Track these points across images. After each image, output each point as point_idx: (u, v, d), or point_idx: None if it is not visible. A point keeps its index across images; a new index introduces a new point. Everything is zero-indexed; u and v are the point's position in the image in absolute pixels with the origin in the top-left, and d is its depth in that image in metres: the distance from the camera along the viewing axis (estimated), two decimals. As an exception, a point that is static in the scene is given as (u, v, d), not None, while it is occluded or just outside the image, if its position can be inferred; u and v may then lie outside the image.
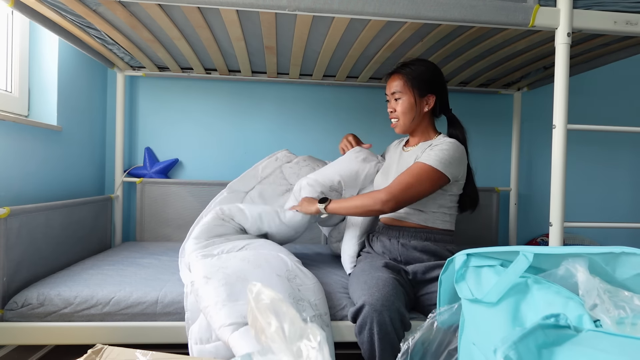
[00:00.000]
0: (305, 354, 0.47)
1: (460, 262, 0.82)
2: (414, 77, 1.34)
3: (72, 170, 1.80)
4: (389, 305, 1.05)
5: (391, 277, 1.16)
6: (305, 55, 1.72)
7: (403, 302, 1.11)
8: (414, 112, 1.35)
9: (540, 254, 0.72)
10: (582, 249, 0.70)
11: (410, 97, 1.34)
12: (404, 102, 1.35)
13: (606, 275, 0.68)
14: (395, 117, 1.38)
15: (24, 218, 1.27)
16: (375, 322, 1.04)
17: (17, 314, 1.17)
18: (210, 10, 1.28)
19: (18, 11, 1.23)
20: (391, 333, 1.04)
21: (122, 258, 1.63)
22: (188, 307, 1.15)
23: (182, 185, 2.09)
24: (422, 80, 1.34)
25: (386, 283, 1.12)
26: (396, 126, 1.39)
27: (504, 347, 0.52)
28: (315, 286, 1.22)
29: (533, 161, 2.35)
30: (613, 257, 0.68)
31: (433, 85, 1.36)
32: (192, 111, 2.16)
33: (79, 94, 1.85)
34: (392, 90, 1.36)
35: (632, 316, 0.58)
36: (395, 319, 1.05)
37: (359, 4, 1.11)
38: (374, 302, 1.05)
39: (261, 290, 0.52)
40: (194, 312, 1.13)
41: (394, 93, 1.36)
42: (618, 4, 1.19)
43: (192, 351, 1.08)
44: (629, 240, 2.38)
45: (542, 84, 2.05)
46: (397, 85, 1.35)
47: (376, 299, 1.06)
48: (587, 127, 1.29)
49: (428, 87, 1.35)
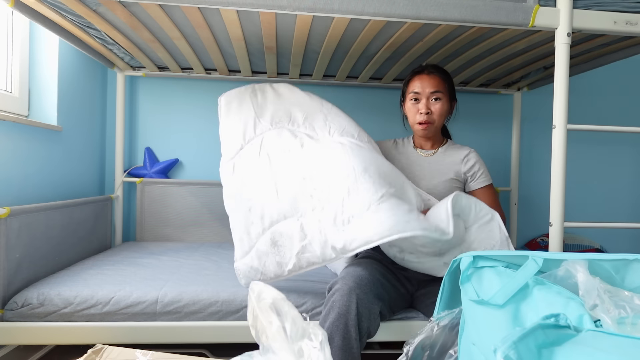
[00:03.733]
0: (306, 354, 0.47)
1: (466, 264, 0.82)
2: (448, 81, 1.36)
3: (72, 170, 1.80)
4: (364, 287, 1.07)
5: (378, 270, 1.19)
6: (305, 55, 1.72)
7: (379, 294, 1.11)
8: (446, 116, 1.38)
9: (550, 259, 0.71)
10: (592, 255, 0.70)
11: (447, 100, 1.35)
12: (443, 104, 1.34)
13: (614, 283, 0.68)
14: (431, 119, 1.33)
15: (24, 218, 1.27)
16: (342, 295, 1.05)
17: (17, 314, 1.17)
18: (210, 10, 1.28)
19: (18, 11, 1.23)
20: (351, 313, 1.03)
21: (122, 258, 1.63)
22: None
23: (182, 185, 2.09)
24: (452, 86, 1.38)
25: (371, 271, 1.15)
26: (428, 128, 1.34)
27: (504, 346, 0.52)
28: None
29: (533, 161, 2.35)
30: (624, 264, 0.67)
31: (454, 93, 1.40)
32: (192, 111, 2.16)
33: (79, 94, 1.85)
34: (434, 90, 1.32)
35: (632, 316, 0.58)
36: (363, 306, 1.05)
37: (359, 4, 1.11)
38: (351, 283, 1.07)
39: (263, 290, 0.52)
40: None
41: (435, 92, 1.32)
42: (618, 4, 1.19)
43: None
44: (630, 241, 2.37)
45: (542, 84, 2.05)
46: (438, 85, 1.33)
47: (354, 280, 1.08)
48: (587, 127, 1.29)
49: (454, 93, 1.39)
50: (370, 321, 1.06)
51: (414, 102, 1.36)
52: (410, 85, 1.38)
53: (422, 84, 1.34)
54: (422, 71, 1.37)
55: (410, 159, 1.42)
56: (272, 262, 1.17)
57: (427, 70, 1.36)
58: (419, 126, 1.35)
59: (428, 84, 1.33)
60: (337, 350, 1.00)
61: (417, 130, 1.38)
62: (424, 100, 1.33)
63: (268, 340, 0.50)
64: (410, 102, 1.37)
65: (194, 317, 1.22)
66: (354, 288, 1.06)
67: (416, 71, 1.39)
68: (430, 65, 1.38)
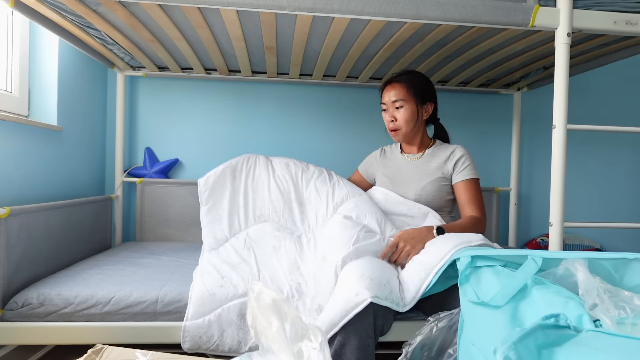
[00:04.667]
0: (306, 355, 0.47)
1: (464, 264, 0.81)
2: (414, 86, 1.38)
3: (72, 170, 1.80)
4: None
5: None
6: (305, 55, 1.72)
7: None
8: (415, 120, 1.39)
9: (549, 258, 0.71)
10: (591, 254, 0.70)
11: (412, 105, 1.37)
12: (406, 111, 1.37)
13: (613, 282, 0.68)
14: (397, 126, 1.40)
15: (24, 218, 1.27)
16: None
17: (17, 314, 1.17)
18: (210, 10, 1.28)
19: (18, 11, 1.23)
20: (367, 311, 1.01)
21: (122, 258, 1.63)
22: None
23: (182, 185, 2.09)
24: (422, 89, 1.40)
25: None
26: (397, 134, 1.41)
27: (504, 347, 0.52)
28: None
29: (533, 161, 2.35)
30: (624, 264, 0.67)
31: (430, 94, 1.42)
32: (192, 111, 2.16)
33: (79, 94, 1.85)
34: (394, 99, 1.38)
35: (632, 316, 0.57)
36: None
37: (359, 4, 1.11)
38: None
39: (262, 290, 0.52)
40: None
41: (395, 101, 1.38)
42: (618, 4, 1.19)
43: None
44: (629, 241, 2.37)
45: (542, 84, 2.05)
46: (398, 94, 1.37)
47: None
48: (587, 127, 1.29)
49: (426, 96, 1.41)
50: (385, 319, 1.05)
51: (384, 112, 1.44)
52: (382, 96, 1.45)
53: (387, 94, 1.41)
54: (388, 82, 1.43)
55: (398, 164, 1.48)
56: (233, 334, 1.15)
57: (392, 79, 1.42)
58: (391, 133, 1.43)
59: (391, 94, 1.40)
60: (354, 350, 0.98)
61: (392, 136, 1.45)
62: (390, 110, 1.40)
63: (267, 341, 0.50)
64: (383, 112, 1.44)
65: (194, 317, 1.22)
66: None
67: (385, 82, 1.45)
68: (397, 74, 1.43)
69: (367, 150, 1.70)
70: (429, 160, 1.41)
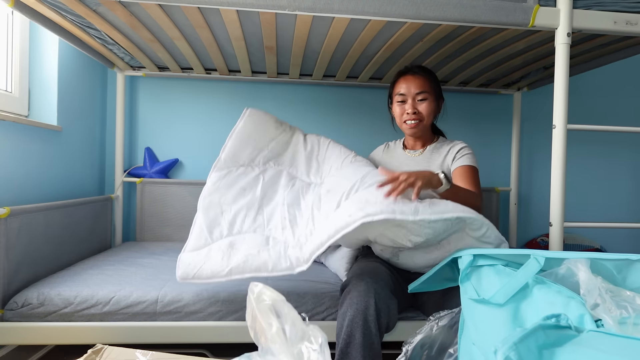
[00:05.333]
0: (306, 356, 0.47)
1: (466, 263, 0.81)
2: (434, 80, 1.36)
3: (72, 170, 1.80)
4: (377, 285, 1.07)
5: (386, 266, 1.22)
6: (305, 55, 1.72)
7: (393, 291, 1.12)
8: (434, 114, 1.38)
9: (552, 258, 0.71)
10: (594, 254, 0.70)
11: (433, 99, 1.35)
12: (430, 104, 1.34)
13: (615, 283, 0.68)
14: (419, 118, 1.33)
15: (24, 218, 1.27)
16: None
17: (17, 314, 1.17)
18: (210, 10, 1.28)
19: (18, 11, 1.22)
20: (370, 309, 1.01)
21: (122, 258, 1.63)
22: None
23: (182, 185, 2.09)
24: (438, 85, 1.38)
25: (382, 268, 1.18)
26: (417, 127, 1.33)
27: (505, 347, 0.52)
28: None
29: (533, 161, 2.35)
30: (627, 265, 0.67)
31: (441, 92, 1.41)
32: (192, 111, 2.16)
33: (79, 94, 1.85)
34: (418, 90, 1.32)
35: (634, 316, 0.57)
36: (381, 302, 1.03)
37: (359, 4, 1.11)
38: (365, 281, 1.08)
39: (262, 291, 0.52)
40: None
41: (420, 93, 1.32)
42: (618, 4, 1.19)
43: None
44: (630, 241, 2.37)
45: (542, 84, 2.05)
46: (423, 85, 1.33)
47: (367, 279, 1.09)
48: (587, 127, 1.29)
49: (440, 92, 1.40)
50: (389, 316, 1.05)
51: (400, 103, 1.36)
52: (396, 87, 1.38)
53: (407, 85, 1.34)
54: (407, 72, 1.37)
55: (400, 160, 1.44)
56: (216, 260, 1.15)
57: (412, 71, 1.36)
58: (406, 125, 1.35)
59: (413, 84, 1.33)
60: (359, 347, 0.98)
61: (405, 130, 1.38)
62: (410, 101, 1.33)
63: (267, 342, 0.50)
64: (397, 104, 1.37)
65: (194, 317, 1.22)
66: (372, 283, 1.06)
67: (401, 72, 1.39)
68: (415, 66, 1.39)
69: (367, 150, 1.70)
70: (429, 156, 1.39)
